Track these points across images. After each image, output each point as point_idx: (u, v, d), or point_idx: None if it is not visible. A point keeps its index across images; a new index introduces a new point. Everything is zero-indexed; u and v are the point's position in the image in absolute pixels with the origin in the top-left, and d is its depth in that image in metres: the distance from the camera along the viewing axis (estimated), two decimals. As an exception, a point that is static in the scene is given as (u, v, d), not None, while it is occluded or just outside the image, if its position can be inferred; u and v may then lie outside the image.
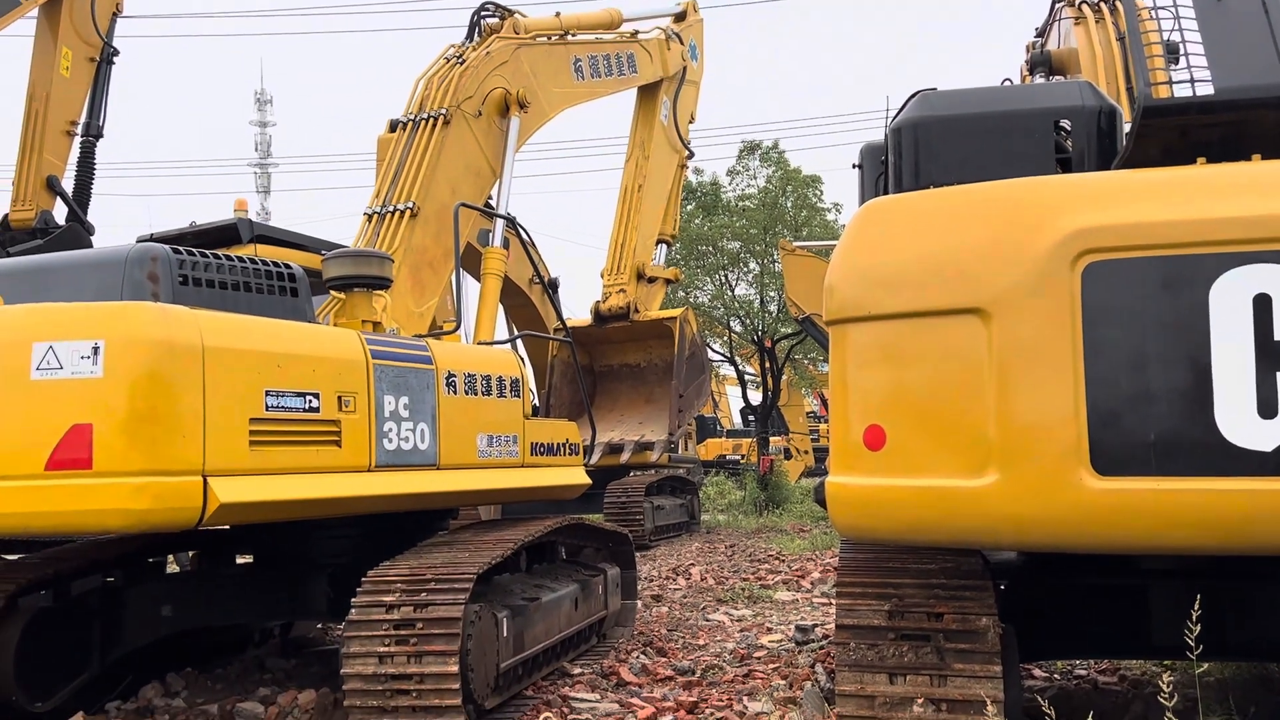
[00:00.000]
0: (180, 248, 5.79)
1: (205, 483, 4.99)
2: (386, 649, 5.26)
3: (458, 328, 7.81)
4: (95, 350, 4.88)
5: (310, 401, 5.62)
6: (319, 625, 8.66)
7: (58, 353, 4.90)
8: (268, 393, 5.38)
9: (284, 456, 5.45)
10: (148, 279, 5.50)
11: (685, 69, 17.62)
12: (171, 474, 4.91)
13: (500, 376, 7.37)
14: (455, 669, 5.21)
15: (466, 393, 6.92)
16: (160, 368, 4.96)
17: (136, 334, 4.97)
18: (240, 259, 6.13)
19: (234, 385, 5.22)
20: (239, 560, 7.52)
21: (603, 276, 17.71)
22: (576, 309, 18.01)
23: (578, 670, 7.12)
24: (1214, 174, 3.78)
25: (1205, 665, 3.83)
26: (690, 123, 18.56)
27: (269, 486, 5.34)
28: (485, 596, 6.09)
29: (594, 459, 16.33)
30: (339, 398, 5.80)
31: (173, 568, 8.67)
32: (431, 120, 9.83)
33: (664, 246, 18.86)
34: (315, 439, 5.66)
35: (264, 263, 6.24)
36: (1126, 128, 4.45)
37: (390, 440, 6.15)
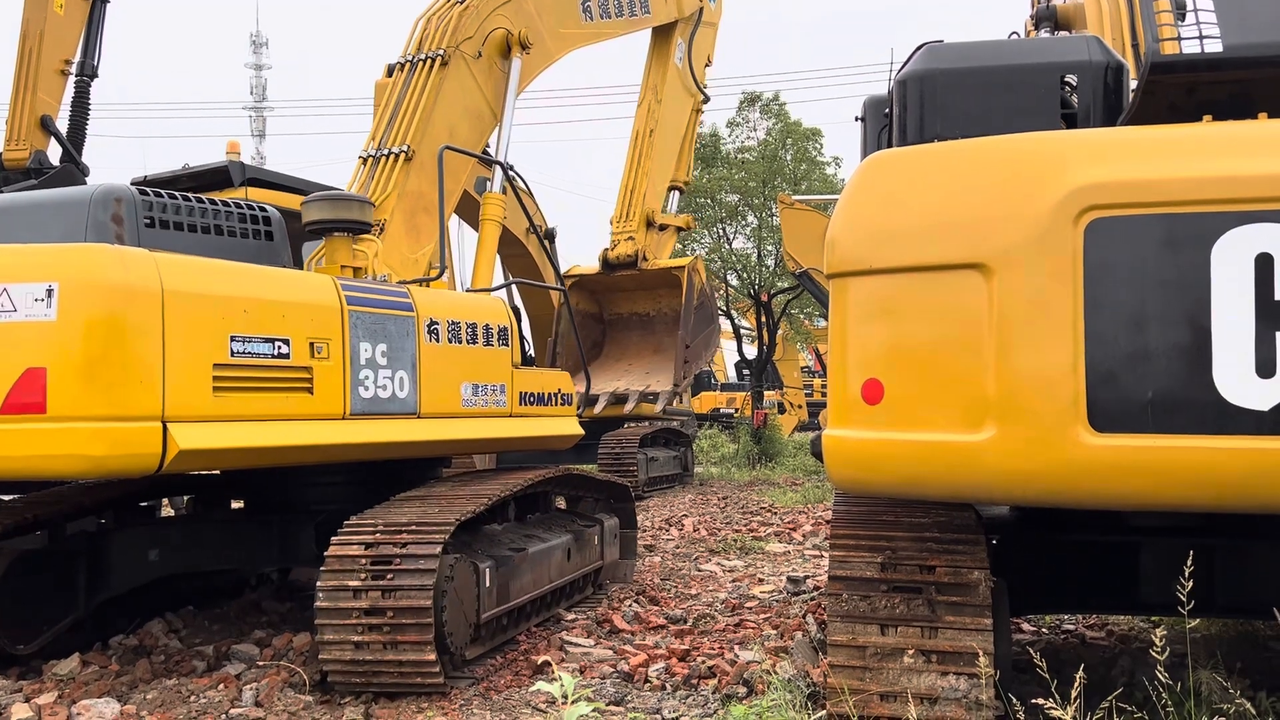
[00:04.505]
0: (148, 189, 5.70)
1: (165, 428, 4.93)
2: (360, 626, 5.29)
3: (441, 274, 7.71)
4: (49, 293, 4.81)
5: (279, 347, 5.56)
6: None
7: (11, 295, 4.83)
8: (233, 338, 5.32)
9: (251, 403, 5.40)
10: (111, 220, 5.41)
11: (701, 10, 17.09)
12: (129, 419, 4.85)
13: (487, 325, 7.28)
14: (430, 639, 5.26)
15: (450, 341, 6.85)
16: (116, 311, 4.88)
17: (92, 277, 4.89)
18: (214, 201, 6.03)
19: (196, 330, 5.15)
20: (234, 505, 7.55)
21: (612, 224, 17.42)
22: (577, 260, 17.82)
23: (571, 617, 7.19)
24: (1220, 132, 3.75)
25: (1195, 621, 3.88)
26: (707, 66, 18.03)
27: (233, 433, 5.28)
28: (470, 547, 6.12)
29: (599, 408, 16.35)
30: (311, 344, 5.73)
31: (168, 512, 8.72)
32: (429, 61, 9.65)
33: (676, 193, 18.47)
34: (285, 386, 5.60)
35: (238, 205, 6.15)
36: (1133, 84, 4.41)
37: (366, 388, 6.10)
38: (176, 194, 5.82)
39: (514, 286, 10.10)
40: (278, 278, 5.88)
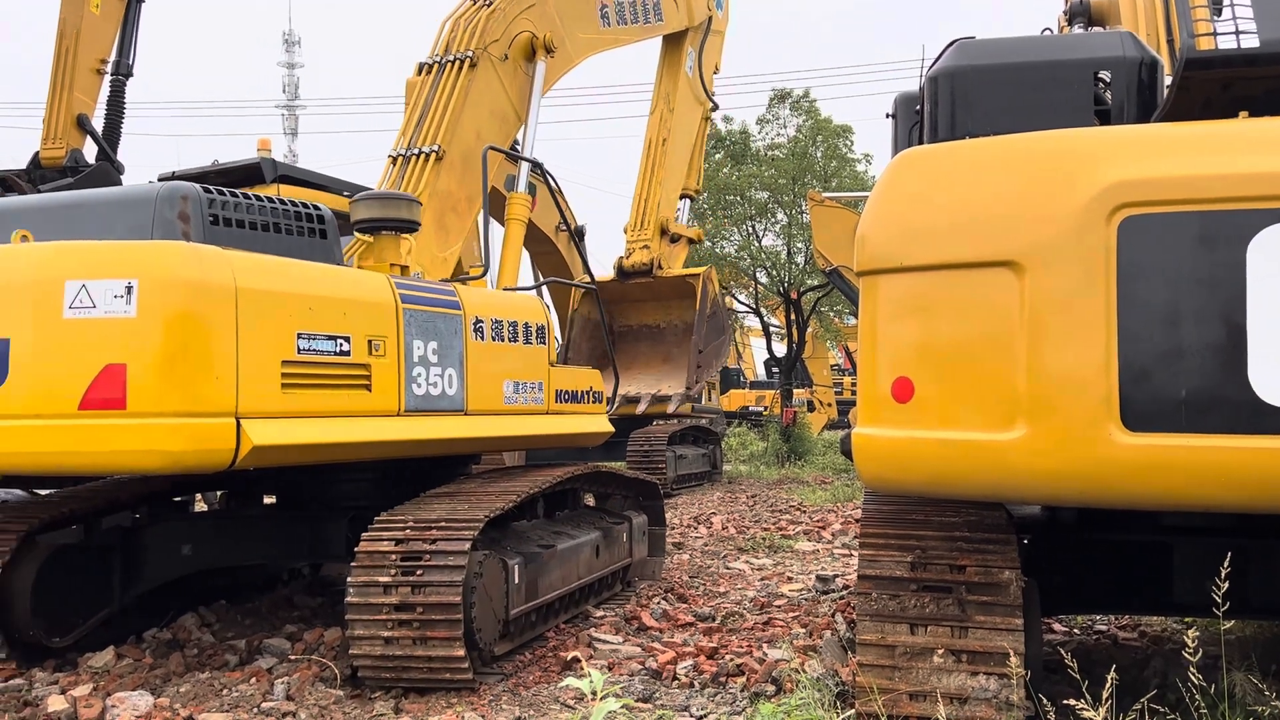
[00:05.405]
0: (211, 187, 5.77)
1: (238, 425, 4.97)
2: (390, 622, 5.31)
3: (485, 273, 7.80)
4: (129, 289, 4.86)
5: (341, 345, 5.61)
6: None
7: (90, 291, 4.88)
8: (300, 335, 5.37)
9: (315, 399, 5.44)
10: (178, 218, 5.44)
11: (711, 19, 17.37)
12: (205, 415, 4.90)
13: (526, 323, 7.34)
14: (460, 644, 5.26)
15: (493, 339, 6.91)
16: (194, 308, 4.94)
17: (170, 274, 4.94)
18: (270, 199, 6.09)
19: (266, 327, 5.20)
20: (266, 501, 7.61)
21: (626, 232, 17.63)
22: (608, 258, 17.98)
23: (600, 614, 7.21)
24: (1256, 128, 3.70)
25: (1230, 623, 3.84)
26: (715, 74, 18.32)
27: (300, 429, 5.33)
28: (499, 544, 6.13)
29: (611, 409, 16.39)
30: (369, 341, 5.78)
31: (200, 506, 8.81)
32: (457, 63, 9.78)
33: (687, 201, 18.74)
34: (346, 382, 5.65)
35: (293, 203, 6.20)
36: (1167, 80, 4.37)
37: (419, 385, 6.15)
38: (237, 192, 5.85)
39: (544, 285, 10.20)
40: (339, 276, 5.95)
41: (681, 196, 18.34)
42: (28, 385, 4.90)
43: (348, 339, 5.65)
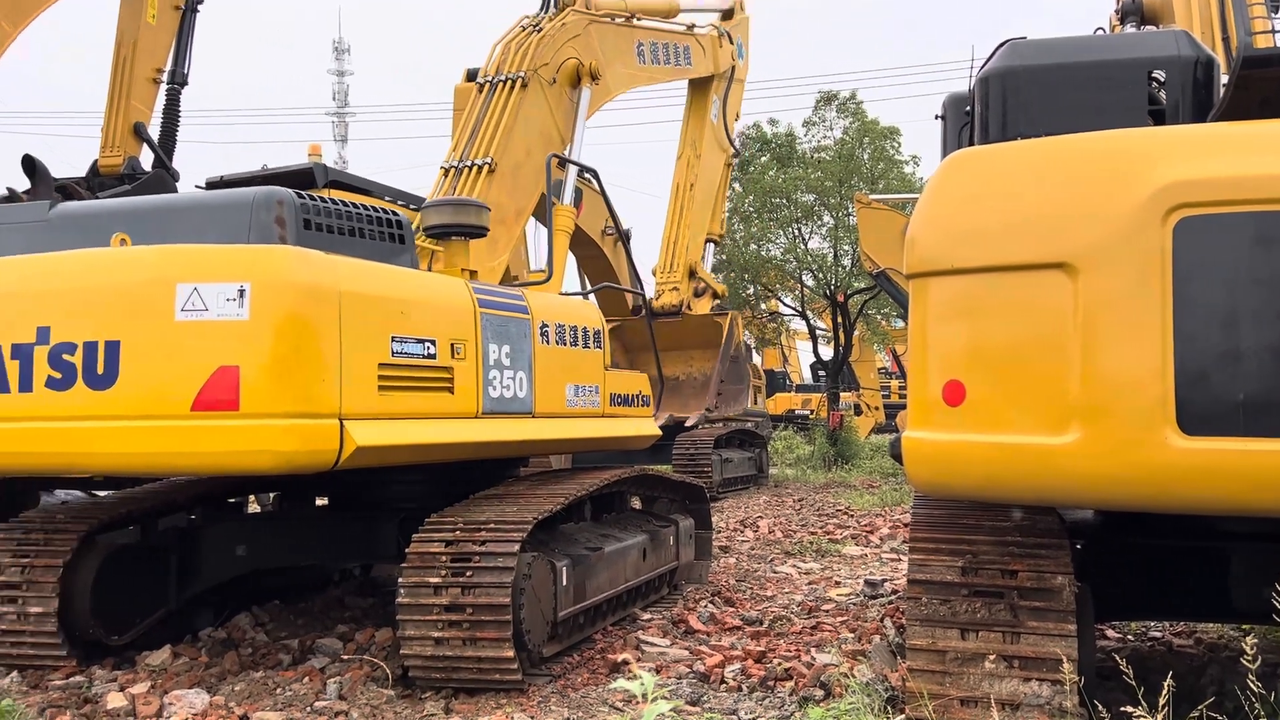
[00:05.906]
0: (303, 193, 5.80)
1: (341, 426, 5.05)
2: (440, 622, 5.35)
3: (548, 278, 7.94)
4: (241, 293, 4.92)
5: (428, 348, 5.70)
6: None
7: (202, 294, 4.94)
8: (394, 338, 5.45)
9: (406, 401, 5.53)
10: (275, 222, 5.49)
11: (734, 67, 18.03)
12: (313, 416, 4.97)
13: (585, 327, 7.46)
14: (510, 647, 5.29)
15: (558, 343, 7.02)
16: (305, 311, 5.01)
17: (282, 277, 5.01)
18: (355, 205, 6.18)
19: (366, 330, 5.28)
20: (318, 502, 7.70)
21: (655, 274, 18.12)
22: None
23: (647, 617, 7.22)
24: (1316, 127, 3.64)
25: (1290, 629, 3.78)
26: (736, 121, 19.02)
27: (396, 430, 5.42)
28: (548, 545, 6.17)
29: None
30: (452, 345, 5.88)
31: (254, 508, 8.93)
32: (509, 82, 10.14)
33: (712, 245, 19.31)
34: (432, 385, 5.75)
35: (374, 209, 6.28)
36: (1223, 79, 4.31)
37: (494, 388, 6.25)
38: (324, 197, 5.92)
39: (594, 291, 10.37)
40: (425, 280, 6.06)
41: (706, 240, 18.85)
42: (139, 387, 4.96)
43: (434, 342, 5.75)
